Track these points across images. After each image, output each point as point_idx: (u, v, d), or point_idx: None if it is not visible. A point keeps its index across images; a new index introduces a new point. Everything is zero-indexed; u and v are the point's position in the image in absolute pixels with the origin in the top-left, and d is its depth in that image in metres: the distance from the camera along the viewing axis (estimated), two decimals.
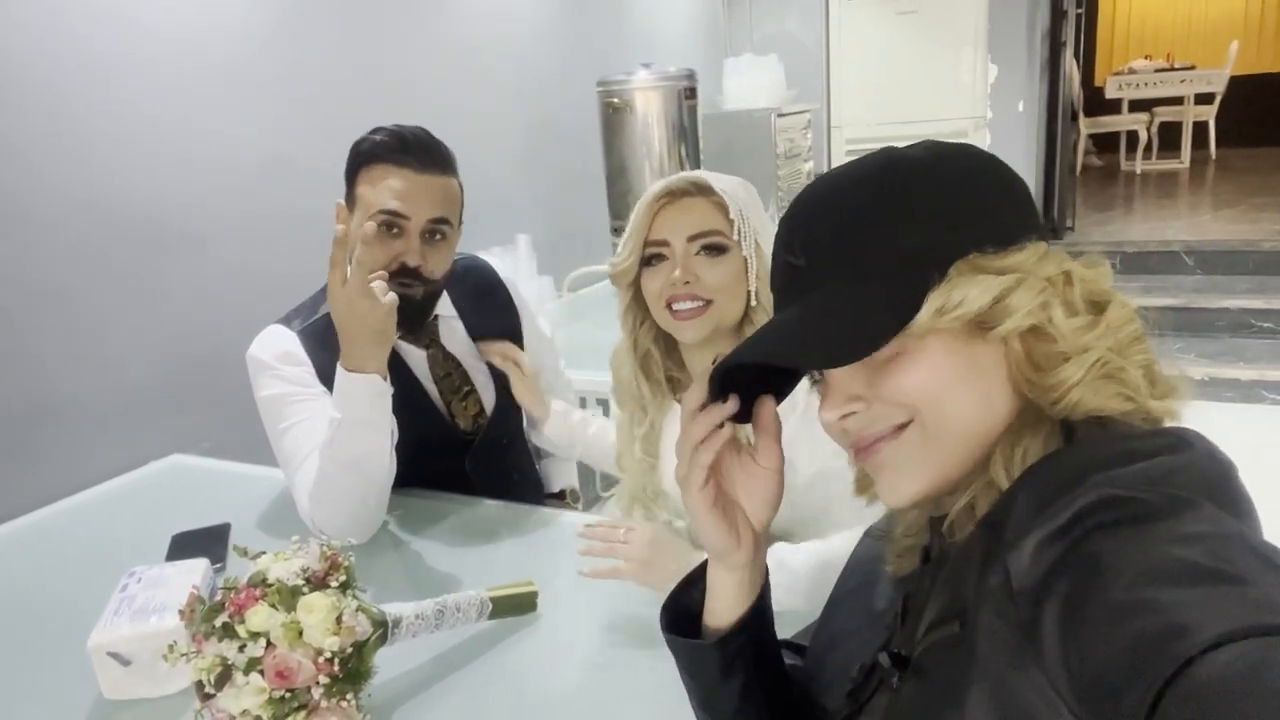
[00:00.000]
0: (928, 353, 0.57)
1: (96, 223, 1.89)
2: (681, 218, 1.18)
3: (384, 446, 1.33)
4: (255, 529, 1.50)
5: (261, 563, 0.93)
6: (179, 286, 2.06)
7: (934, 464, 0.59)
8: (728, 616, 0.71)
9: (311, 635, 0.88)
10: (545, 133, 3.40)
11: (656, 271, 1.19)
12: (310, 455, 1.35)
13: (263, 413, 1.44)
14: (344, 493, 1.32)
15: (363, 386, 1.28)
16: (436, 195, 1.39)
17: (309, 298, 1.53)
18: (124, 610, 1.06)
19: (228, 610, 0.89)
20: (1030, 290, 0.56)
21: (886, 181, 0.59)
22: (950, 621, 0.57)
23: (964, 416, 0.58)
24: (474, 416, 1.58)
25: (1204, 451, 0.53)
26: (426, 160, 1.38)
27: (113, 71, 1.93)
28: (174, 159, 2.06)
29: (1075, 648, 0.45)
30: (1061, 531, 0.49)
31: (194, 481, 1.79)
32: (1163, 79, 7.23)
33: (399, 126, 1.40)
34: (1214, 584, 0.42)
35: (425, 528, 1.46)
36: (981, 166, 0.61)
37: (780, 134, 3.99)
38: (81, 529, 1.61)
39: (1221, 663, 0.38)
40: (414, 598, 1.04)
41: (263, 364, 1.43)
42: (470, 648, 1.11)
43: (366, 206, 1.37)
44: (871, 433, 0.60)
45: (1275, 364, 3.75)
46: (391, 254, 1.37)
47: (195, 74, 2.11)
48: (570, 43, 3.57)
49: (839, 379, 0.61)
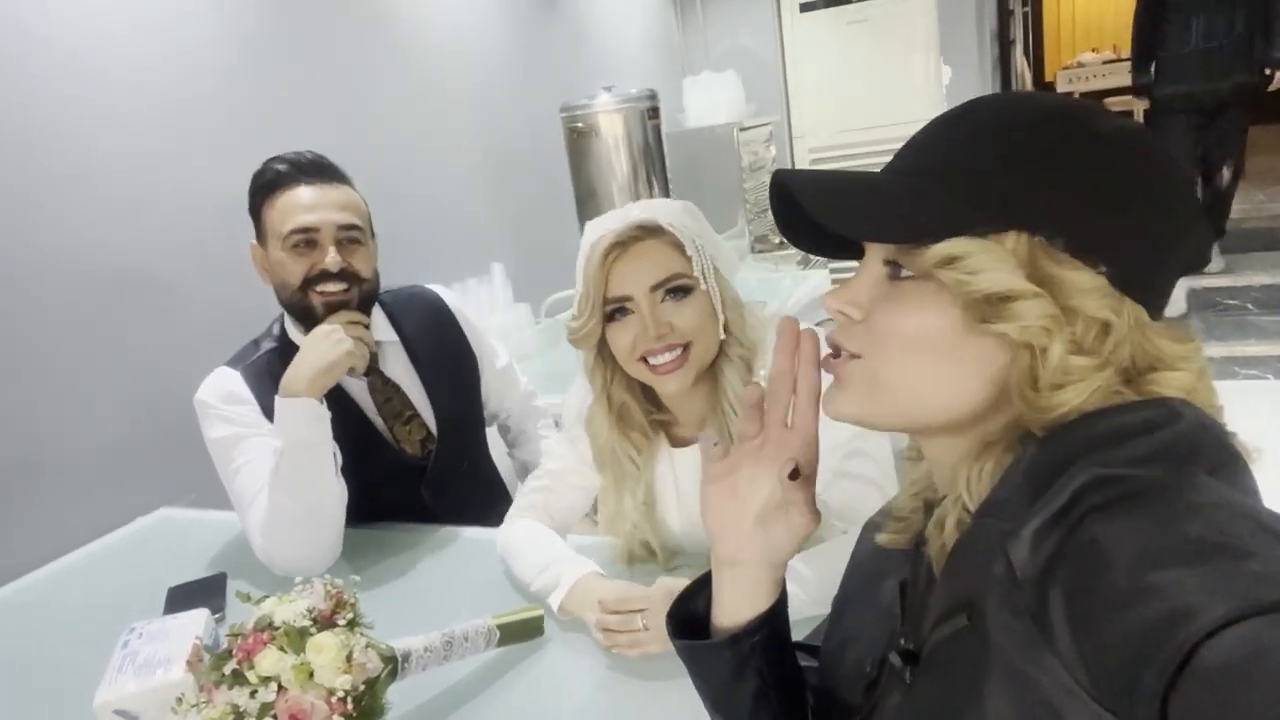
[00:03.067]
0: (921, 310, 0.55)
1: (64, 276, 1.87)
2: (638, 266, 1.11)
3: (328, 468, 1.35)
4: (251, 576, 1.48)
5: (266, 606, 0.93)
6: (150, 336, 2.04)
7: (874, 403, 0.59)
8: (737, 617, 0.70)
9: (323, 675, 0.88)
10: (511, 161, 3.41)
11: (623, 326, 1.12)
12: (260, 493, 1.36)
13: (213, 455, 1.45)
14: (295, 521, 1.34)
15: (300, 409, 1.31)
16: (340, 204, 1.44)
17: (250, 340, 1.55)
18: (127, 667, 1.05)
19: (236, 657, 0.88)
20: (1041, 310, 0.52)
21: (1054, 122, 0.55)
22: (957, 614, 0.56)
23: (927, 391, 0.57)
24: (421, 441, 1.58)
25: (1194, 421, 0.52)
26: (324, 175, 1.45)
27: (67, 113, 1.90)
28: (136, 205, 2.03)
29: (1085, 637, 0.45)
30: (1058, 516, 0.49)
31: (184, 533, 1.77)
32: (1111, 70, 7.38)
33: (295, 153, 1.46)
34: (1215, 559, 0.42)
35: (399, 559, 1.46)
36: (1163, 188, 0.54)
37: (744, 147, 4.03)
38: (74, 589, 1.59)
39: (1227, 646, 0.38)
40: (410, 631, 1.04)
41: (208, 406, 1.44)
42: (480, 677, 1.10)
43: (277, 233, 1.42)
44: (834, 340, 0.61)
45: (1245, 340, 3.82)
46: (309, 263, 1.41)
47: (151, 114, 2.08)
48: (529, 71, 3.59)
49: (861, 279, 0.60)
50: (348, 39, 2.70)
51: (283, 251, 1.42)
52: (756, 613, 0.70)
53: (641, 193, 3.05)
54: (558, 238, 3.43)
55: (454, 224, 3.09)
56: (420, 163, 2.90)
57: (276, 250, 1.42)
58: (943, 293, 0.54)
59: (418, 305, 1.66)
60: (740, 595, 0.70)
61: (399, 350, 1.59)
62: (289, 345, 1.49)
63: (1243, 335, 3.87)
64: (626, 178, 3.04)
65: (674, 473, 1.23)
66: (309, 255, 1.42)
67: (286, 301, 1.47)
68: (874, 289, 0.59)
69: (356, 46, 2.74)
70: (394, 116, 2.84)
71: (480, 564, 1.39)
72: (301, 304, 1.44)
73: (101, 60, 1.99)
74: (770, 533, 0.68)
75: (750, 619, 0.70)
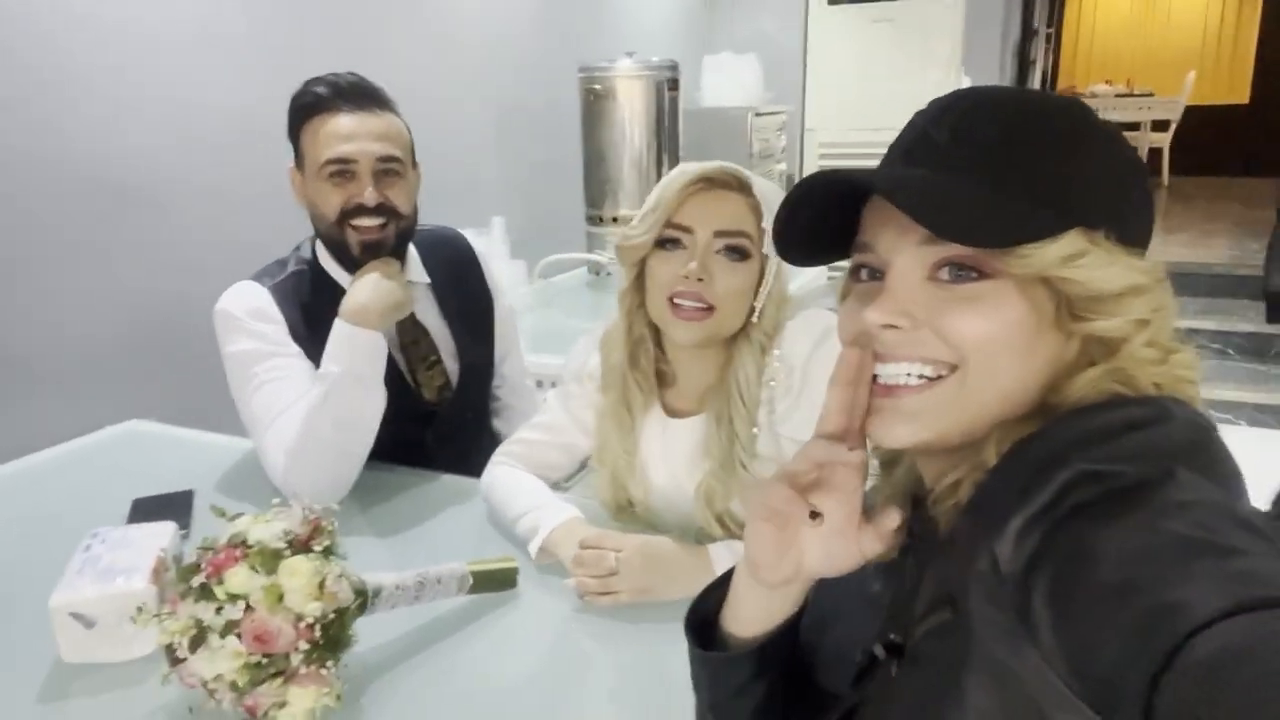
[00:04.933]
0: (1006, 309, 0.54)
1: (53, 182, 1.83)
2: (714, 207, 1.09)
3: (377, 405, 1.32)
4: (217, 496, 1.44)
5: (241, 524, 0.90)
6: (139, 250, 2.00)
7: (948, 420, 0.56)
8: (756, 626, 0.68)
9: (293, 599, 0.85)
10: (522, 117, 3.36)
11: (670, 257, 1.10)
12: (284, 414, 1.32)
13: (230, 370, 1.40)
14: (328, 452, 1.30)
15: (364, 340, 1.28)
16: (380, 133, 1.38)
17: (274, 260, 1.50)
18: (87, 571, 1.02)
19: (205, 571, 0.86)
20: (1147, 303, 0.54)
21: (1070, 116, 0.57)
22: (942, 608, 0.56)
23: (1001, 389, 0.56)
24: (439, 388, 1.55)
25: (1183, 419, 0.52)
26: (364, 101, 1.38)
27: (74, 26, 1.85)
28: (138, 120, 1.99)
29: (1068, 632, 0.45)
30: (1042, 513, 0.49)
31: (152, 447, 1.73)
32: (1122, 104, 7.42)
33: (333, 75, 1.39)
34: (1199, 557, 0.42)
35: (390, 500, 1.43)
36: (1143, 168, 0.59)
37: (755, 133, 4.00)
38: (36, 491, 1.54)
39: (1214, 643, 0.38)
40: (386, 570, 1.01)
41: (233, 318, 1.39)
42: (449, 622, 1.09)
43: (314, 161, 1.37)
44: (902, 354, 0.57)
45: (1224, 384, 3.86)
46: (346, 195, 1.37)
47: (164, 33, 2.04)
48: (549, 29, 3.54)
49: (903, 287, 0.57)
50: None
51: (319, 181, 1.37)
52: (783, 618, 0.68)
53: (651, 165, 3.01)
54: (559, 201, 3.40)
55: (459, 173, 3.04)
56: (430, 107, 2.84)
57: (313, 179, 1.38)
58: (1020, 289, 0.54)
59: (446, 248, 1.62)
60: (772, 609, 0.68)
61: (428, 293, 1.56)
62: (319, 271, 1.46)
63: (1221, 380, 3.91)
64: (638, 146, 3.01)
65: (663, 439, 1.21)
66: (345, 187, 1.36)
67: (323, 233, 1.43)
68: (921, 293, 0.57)
69: None
70: (405, 57, 2.79)
71: (470, 514, 1.37)
72: (337, 237, 1.40)
73: None
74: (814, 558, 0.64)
75: (777, 625, 0.68)
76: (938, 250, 0.56)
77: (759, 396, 1.13)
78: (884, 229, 0.59)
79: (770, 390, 1.13)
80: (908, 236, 0.57)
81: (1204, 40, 8.88)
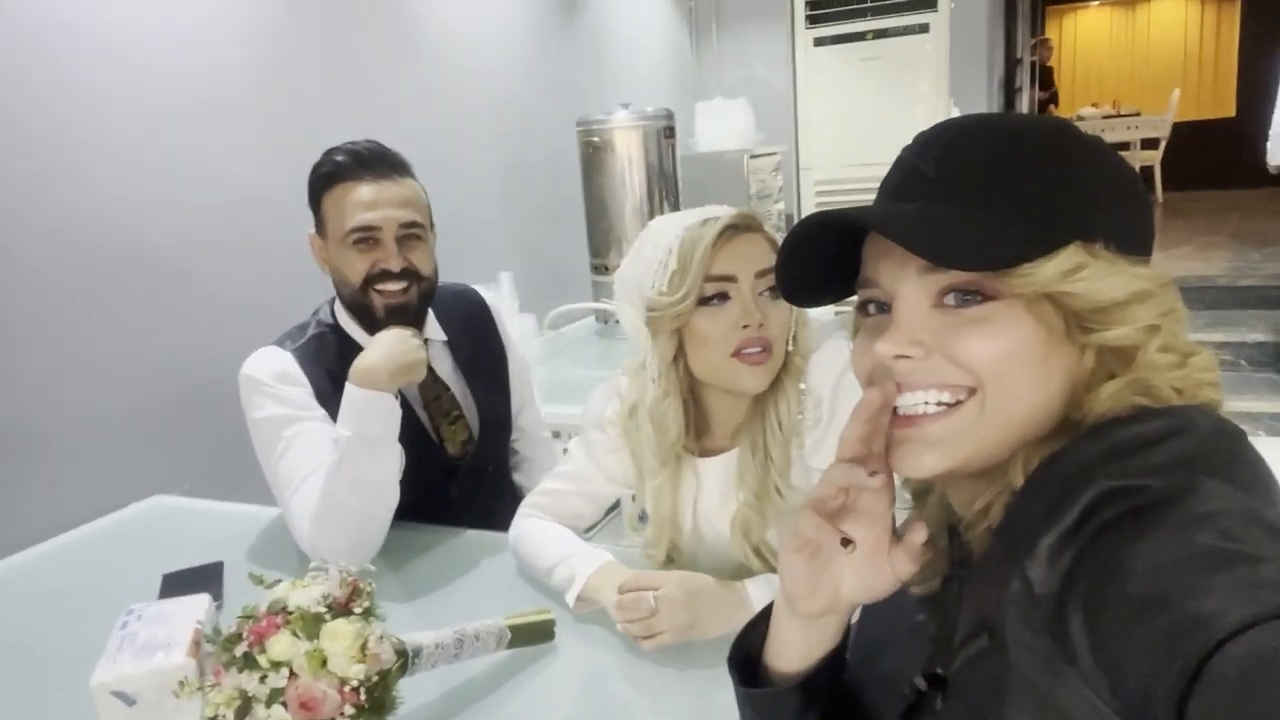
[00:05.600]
0: (1014, 327, 0.55)
1: (78, 256, 1.86)
2: (748, 251, 1.09)
3: (393, 468, 1.32)
4: (246, 565, 1.44)
5: (280, 590, 0.90)
6: (158, 320, 2.03)
7: (971, 445, 0.56)
8: (799, 660, 0.68)
9: (336, 664, 0.85)
10: (524, 172, 3.42)
11: (718, 312, 1.08)
12: (309, 478, 1.33)
13: (256, 435, 1.41)
14: (348, 516, 1.30)
15: (375, 403, 1.28)
16: (401, 200, 1.41)
17: (295, 325, 1.52)
18: (126, 647, 1.02)
19: (247, 640, 0.86)
20: (1154, 308, 0.55)
21: (1053, 135, 0.58)
22: (979, 635, 0.56)
23: (1020, 410, 0.56)
24: (463, 443, 1.57)
25: (1209, 429, 0.52)
26: (384, 169, 1.41)
27: (97, 103, 1.91)
28: (157, 192, 2.03)
29: (1103, 650, 0.45)
30: (1072, 531, 0.49)
31: (178, 522, 1.73)
32: (1110, 125, 7.51)
33: (352, 143, 1.43)
34: (1228, 567, 0.42)
35: (418, 559, 1.43)
36: (1134, 176, 0.59)
37: (752, 175, 4.05)
38: (68, 570, 1.55)
39: (1242, 651, 0.38)
40: (421, 630, 1.01)
41: (258, 383, 1.40)
42: (489, 678, 1.08)
43: (338, 228, 1.39)
44: (918, 381, 0.57)
45: (1240, 396, 3.84)
46: (370, 260, 1.39)
47: (180, 108, 2.10)
48: (547, 84, 3.61)
49: (910, 318, 0.57)
50: (370, 44, 2.72)
51: (343, 248, 1.40)
52: (825, 651, 0.68)
53: (654, 211, 3.06)
54: (564, 252, 3.44)
55: (465, 230, 3.07)
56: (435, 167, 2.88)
57: (336, 245, 1.41)
58: (1026, 307, 0.54)
59: (461, 304, 1.65)
60: (811, 643, 0.68)
61: (446, 350, 1.58)
62: (341, 333, 1.48)
63: (1236, 391, 3.89)
64: (639, 196, 3.05)
65: (696, 481, 1.21)
66: (370, 253, 1.39)
67: (347, 298, 1.46)
68: (930, 320, 0.57)
69: (379, 51, 2.75)
70: (411, 120, 2.85)
71: (499, 567, 1.37)
72: (362, 301, 1.43)
73: (132, 55, 2.00)
74: (848, 586, 0.64)
75: (820, 659, 0.68)
76: (940, 278, 0.56)
77: (797, 421, 1.14)
78: (884, 262, 0.59)
79: (798, 423, 1.14)
80: (908, 267, 0.57)
81: (1185, 57, 9.01)
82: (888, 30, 4.59)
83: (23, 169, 1.78)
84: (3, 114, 1.73)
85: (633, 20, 4.41)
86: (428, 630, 1.01)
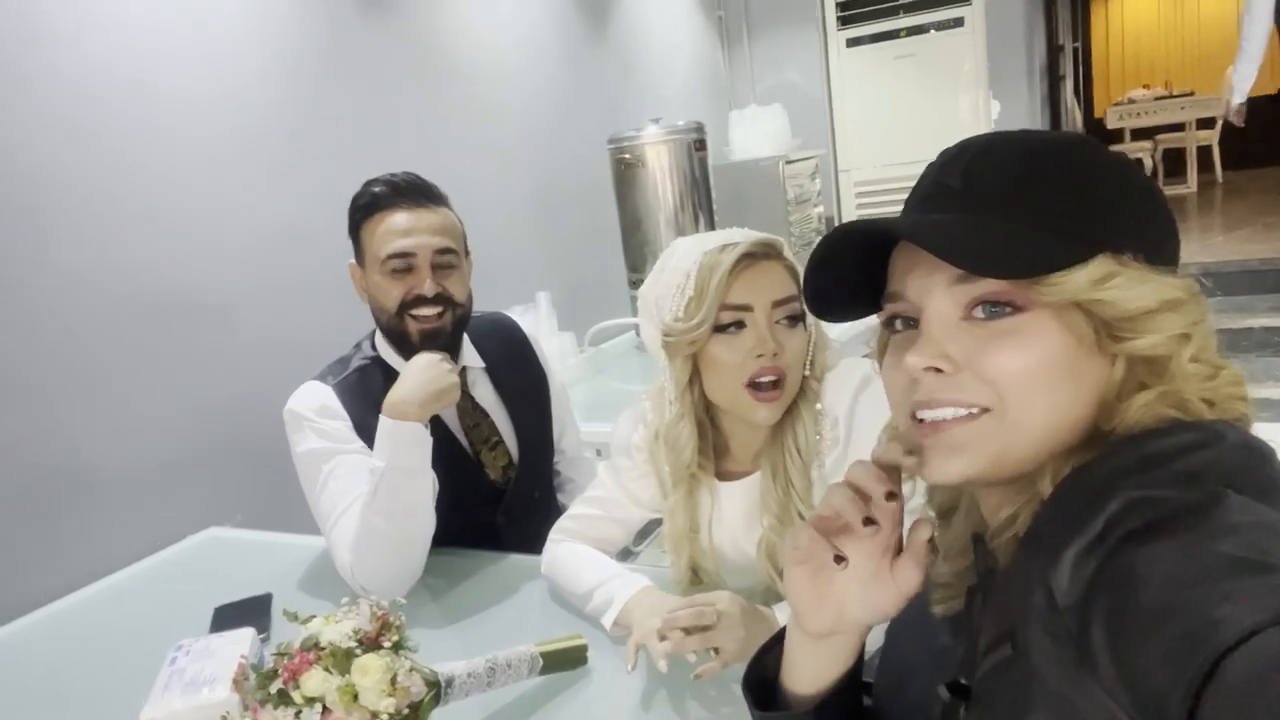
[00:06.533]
0: (1044, 339, 0.55)
1: (123, 298, 1.91)
2: (765, 280, 1.09)
3: (426, 495, 1.35)
4: (296, 596, 1.49)
5: (313, 626, 0.93)
6: (205, 359, 2.08)
7: (995, 453, 0.56)
8: (812, 682, 0.68)
9: (367, 698, 0.87)
10: (557, 191, 3.45)
11: (733, 340, 1.09)
12: (350, 509, 1.36)
13: (300, 468, 1.45)
14: (386, 544, 1.33)
15: (406, 433, 1.31)
16: (436, 227, 1.45)
17: (337, 359, 1.56)
18: (174, 684, 1.06)
19: (282, 676, 0.88)
20: (1185, 316, 0.55)
21: (1078, 150, 0.58)
22: (1002, 645, 0.56)
23: (1046, 421, 0.55)
24: (504, 468, 1.59)
25: (1236, 442, 0.52)
26: (420, 198, 1.45)
27: (131, 143, 1.96)
28: (196, 232, 2.08)
29: (1124, 660, 0.45)
30: (1095, 543, 0.49)
31: (231, 554, 1.79)
32: (1162, 106, 7.29)
33: (390, 175, 1.47)
34: (1246, 575, 0.42)
35: (460, 585, 1.45)
36: (1156, 188, 0.60)
37: (789, 180, 4.02)
38: (124, 606, 1.61)
39: (1254, 655, 0.38)
40: (459, 657, 1.03)
41: (301, 418, 1.44)
42: (522, 706, 1.09)
43: (374, 256, 1.43)
44: (944, 398, 0.57)
45: (1252, 382, 3.68)
46: (406, 287, 1.43)
47: (213, 145, 2.14)
48: (577, 102, 3.64)
49: (939, 329, 0.57)
50: (398, 70, 2.76)
51: (380, 275, 1.44)
52: (840, 674, 0.68)
53: (687, 225, 3.06)
54: (601, 268, 3.46)
55: (500, 252, 3.12)
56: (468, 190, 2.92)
57: (374, 273, 1.45)
58: (1056, 318, 0.55)
59: (498, 332, 1.69)
60: (823, 664, 0.68)
61: (484, 377, 1.61)
62: (383, 364, 1.51)
63: (1250, 379, 3.73)
64: (672, 209, 3.05)
65: (715, 505, 1.21)
66: (405, 279, 1.43)
67: (384, 325, 1.50)
68: (960, 335, 0.57)
69: (407, 77, 2.80)
70: (446, 149, 2.89)
71: (539, 591, 1.39)
72: (397, 328, 1.46)
73: (175, 97, 2.05)
74: (853, 604, 0.65)
75: (834, 681, 0.68)
76: (969, 289, 0.56)
77: (816, 447, 1.13)
78: (912, 275, 0.59)
79: (816, 444, 1.13)
80: (937, 279, 0.58)
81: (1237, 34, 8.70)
82: (921, 26, 4.55)
83: (74, 224, 1.85)
84: (35, 157, 1.78)
85: (662, 35, 4.42)
86: (464, 658, 1.03)
